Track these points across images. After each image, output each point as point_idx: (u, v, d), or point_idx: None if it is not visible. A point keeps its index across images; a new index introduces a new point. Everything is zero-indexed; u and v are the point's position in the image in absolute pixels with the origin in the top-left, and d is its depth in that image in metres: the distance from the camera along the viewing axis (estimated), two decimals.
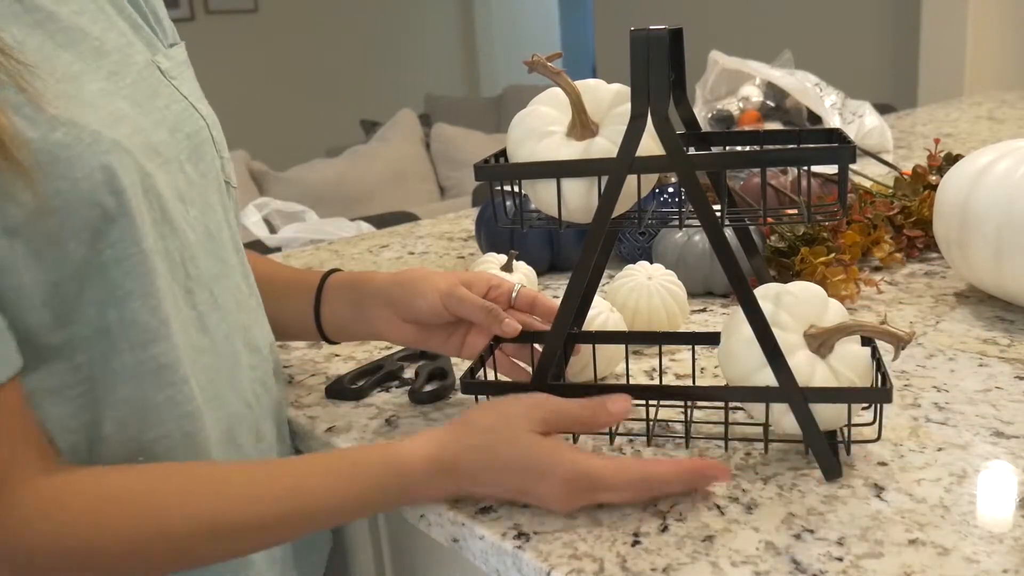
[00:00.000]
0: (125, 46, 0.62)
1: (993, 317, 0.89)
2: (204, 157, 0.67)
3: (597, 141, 0.61)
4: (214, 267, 0.66)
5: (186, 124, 0.65)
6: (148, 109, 0.61)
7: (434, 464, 0.60)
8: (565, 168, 0.61)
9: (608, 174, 0.59)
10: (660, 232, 1.04)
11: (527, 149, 0.63)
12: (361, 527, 0.79)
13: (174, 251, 0.61)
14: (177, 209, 0.62)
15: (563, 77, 0.61)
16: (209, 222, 0.66)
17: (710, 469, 0.60)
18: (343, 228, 1.90)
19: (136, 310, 0.57)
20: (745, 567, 0.53)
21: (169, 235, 0.61)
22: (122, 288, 0.57)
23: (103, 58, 0.59)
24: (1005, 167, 0.87)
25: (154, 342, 0.58)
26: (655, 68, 0.56)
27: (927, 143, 1.73)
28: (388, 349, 0.92)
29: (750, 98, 1.78)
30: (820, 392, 0.60)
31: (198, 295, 0.63)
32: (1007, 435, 0.66)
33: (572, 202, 0.62)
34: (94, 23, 0.60)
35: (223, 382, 0.65)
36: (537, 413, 0.61)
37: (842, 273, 0.95)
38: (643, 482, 0.59)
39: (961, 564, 0.52)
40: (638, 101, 0.57)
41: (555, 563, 0.54)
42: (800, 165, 0.60)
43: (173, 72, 0.66)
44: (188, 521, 0.56)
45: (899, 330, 0.58)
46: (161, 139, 0.61)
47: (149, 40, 0.65)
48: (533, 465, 0.58)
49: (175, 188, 0.62)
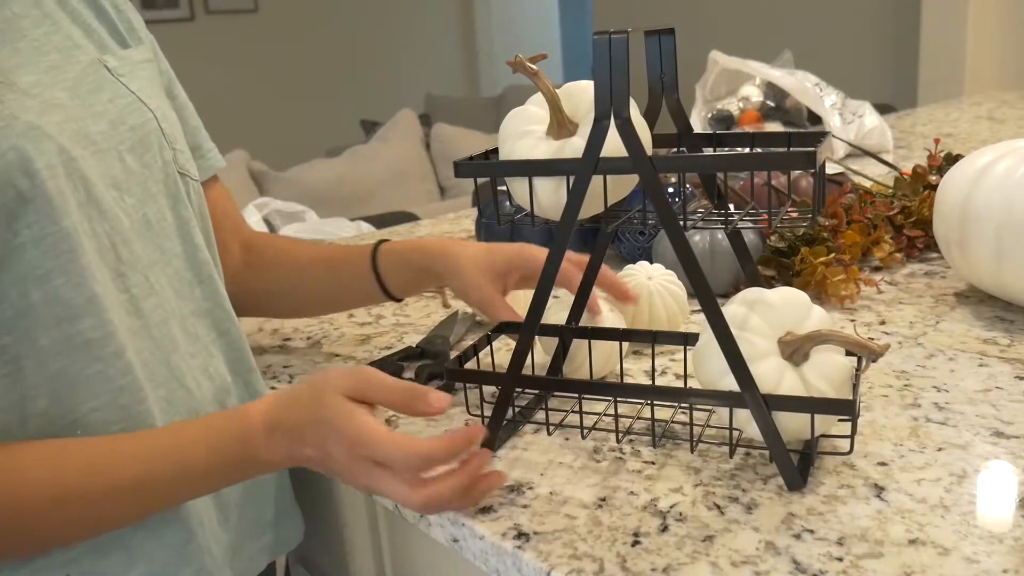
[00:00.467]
0: (69, 47, 0.66)
1: (993, 317, 0.89)
2: (150, 148, 0.69)
3: (572, 141, 0.62)
4: (152, 254, 0.68)
5: (131, 117, 0.67)
6: (89, 102, 0.65)
7: (269, 420, 0.62)
8: (535, 167, 0.62)
9: (574, 174, 0.60)
10: (660, 232, 1.04)
11: (508, 147, 0.65)
12: (361, 527, 0.79)
13: (102, 234, 0.63)
14: (110, 195, 0.64)
15: (540, 78, 0.62)
16: (148, 210, 0.68)
17: (473, 434, 0.60)
18: (343, 228, 1.90)
19: (59, 287, 0.59)
20: (745, 567, 0.53)
21: (96, 218, 0.62)
22: (42, 267, 0.59)
23: (43, 56, 0.63)
24: (1005, 167, 0.87)
25: (80, 317, 0.60)
26: (616, 70, 0.57)
27: (927, 143, 1.73)
28: (388, 349, 0.92)
29: (750, 98, 1.79)
30: (780, 400, 0.59)
31: (131, 278, 0.65)
32: (1007, 435, 0.66)
33: (543, 200, 0.63)
34: (36, 27, 0.64)
35: (158, 363, 0.67)
36: (350, 380, 0.61)
37: (842, 273, 0.95)
38: (415, 457, 0.58)
39: (961, 564, 0.52)
40: (601, 103, 0.58)
41: (555, 563, 0.54)
42: (759, 170, 0.60)
43: (122, 70, 0.69)
44: (32, 487, 0.58)
45: (870, 342, 0.58)
46: (99, 129, 0.64)
47: (102, 43, 0.69)
48: (327, 419, 0.60)
49: (109, 176, 0.64)
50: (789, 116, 1.76)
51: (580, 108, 0.63)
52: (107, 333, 0.62)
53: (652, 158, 0.58)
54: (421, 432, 0.73)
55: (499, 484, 0.63)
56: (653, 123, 0.67)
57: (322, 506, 0.84)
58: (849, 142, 1.64)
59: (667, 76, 0.67)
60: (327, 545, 0.86)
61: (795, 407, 0.59)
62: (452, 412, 0.76)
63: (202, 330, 0.73)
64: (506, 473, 0.65)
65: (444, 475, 0.59)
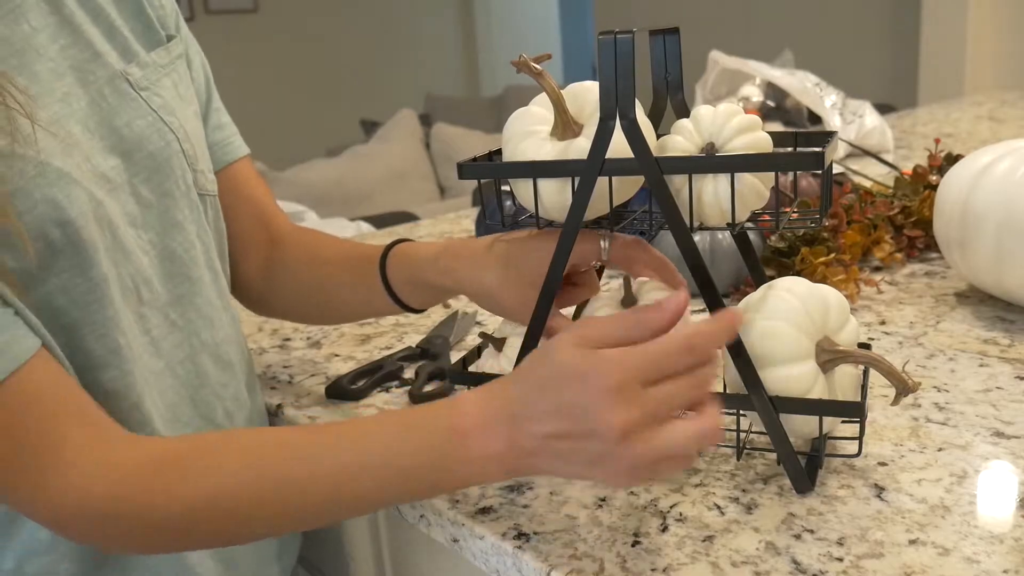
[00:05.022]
0: (87, 61, 0.61)
1: (993, 317, 0.89)
2: (171, 174, 0.65)
3: (577, 142, 0.61)
4: (177, 288, 0.66)
5: (149, 142, 0.63)
6: (100, 133, 0.61)
7: (487, 408, 0.53)
8: (539, 168, 0.61)
9: (579, 175, 0.60)
10: (660, 232, 1.04)
11: (512, 147, 0.64)
12: (361, 527, 0.79)
13: (126, 276, 0.61)
14: (129, 234, 0.61)
15: (544, 78, 0.61)
16: (170, 242, 0.65)
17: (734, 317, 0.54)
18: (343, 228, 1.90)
19: (82, 338, 0.57)
20: (745, 567, 0.53)
21: (122, 261, 0.60)
22: (68, 316, 0.57)
23: (58, 80, 0.59)
24: (1005, 167, 0.87)
25: (101, 368, 0.58)
26: (622, 71, 0.56)
27: (927, 143, 1.73)
28: (388, 349, 0.92)
29: (750, 98, 1.78)
30: (788, 402, 0.59)
31: (151, 319, 0.63)
32: (1007, 435, 0.66)
33: (548, 201, 0.63)
34: (53, 41, 0.60)
35: (183, 404, 0.65)
36: (570, 334, 0.53)
37: (842, 273, 0.94)
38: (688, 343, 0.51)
39: (961, 564, 0.52)
40: (607, 104, 0.57)
41: (555, 563, 0.54)
42: (769, 171, 0.60)
43: (146, 81, 0.65)
44: (248, 476, 0.54)
45: (908, 377, 0.57)
46: (111, 165, 0.61)
47: (125, 47, 0.65)
48: (568, 371, 0.51)
49: (126, 214, 0.62)
50: (789, 116, 1.76)
51: (585, 109, 0.63)
52: (127, 384, 0.60)
53: (658, 159, 0.57)
54: None
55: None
56: (658, 123, 0.66)
57: None
58: (849, 142, 1.64)
59: (672, 76, 0.67)
60: (327, 545, 0.86)
61: (803, 410, 0.59)
62: None
63: (235, 356, 0.71)
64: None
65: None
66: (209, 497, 0.54)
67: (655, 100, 0.67)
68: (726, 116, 0.60)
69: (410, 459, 0.54)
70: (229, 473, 0.54)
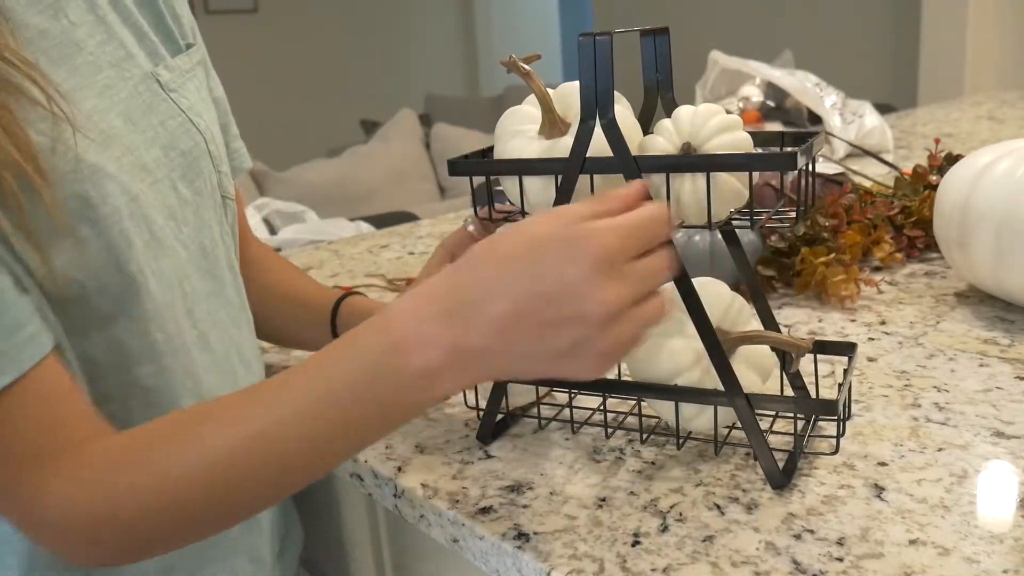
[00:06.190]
0: (122, 59, 0.61)
1: (993, 317, 0.89)
2: (201, 174, 0.65)
3: (562, 140, 0.62)
4: (208, 284, 0.66)
5: (181, 141, 0.64)
6: (142, 126, 0.61)
7: (423, 309, 0.47)
8: (524, 166, 0.63)
9: (561, 173, 0.61)
10: None
11: (501, 145, 0.66)
12: (361, 527, 0.79)
13: (168, 271, 0.60)
14: (168, 227, 0.61)
15: (532, 78, 0.62)
16: (204, 239, 0.66)
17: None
18: (343, 228, 1.90)
19: (119, 332, 0.57)
20: (745, 567, 0.53)
21: (161, 256, 0.60)
22: (101, 310, 0.56)
23: (98, 73, 0.59)
24: (1005, 167, 0.87)
25: (139, 364, 0.58)
26: (601, 71, 0.57)
27: (927, 143, 1.73)
28: None
29: (750, 98, 1.79)
30: (765, 399, 0.61)
31: (196, 313, 0.63)
32: (1007, 435, 0.66)
33: (533, 198, 0.64)
34: (91, 36, 0.60)
35: None
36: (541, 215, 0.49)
37: (842, 273, 0.95)
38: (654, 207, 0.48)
39: (961, 564, 0.52)
40: (587, 104, 0.58)
41: (555, 563, 0.54)
42: (743, 171, 0.60)
43: (174, 83, 0.65)
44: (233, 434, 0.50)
45: (796, 339, 0.60)
46: (153, 157, 0.61)
47: (153, 50, 0.65)
48: (547, 239, 0.45)
49: (166, 207, 0.61)
50: (789, 116, 1.76)
51: (572, 108, 0.63)
52: (164, 381, 0.59)
53: (636, 158, 0.59)
54: (421, 432, 0.73)
55: None
56: (649, 123, 0.67)
57: (322, 506, 0.84)
58: (849, 142, 1.64)
59: (662, 76, 0.67)
60: (327, 545, 0.86)
61: (780, 407, 0.61)
62: (452, 411, 0.76)
63: (253, 357, 0.71)
64: None
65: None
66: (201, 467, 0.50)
67: (646, 100, 0.68)
68: (705, 116, 0.62)
69: (350, 391, 0.48)
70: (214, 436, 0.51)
